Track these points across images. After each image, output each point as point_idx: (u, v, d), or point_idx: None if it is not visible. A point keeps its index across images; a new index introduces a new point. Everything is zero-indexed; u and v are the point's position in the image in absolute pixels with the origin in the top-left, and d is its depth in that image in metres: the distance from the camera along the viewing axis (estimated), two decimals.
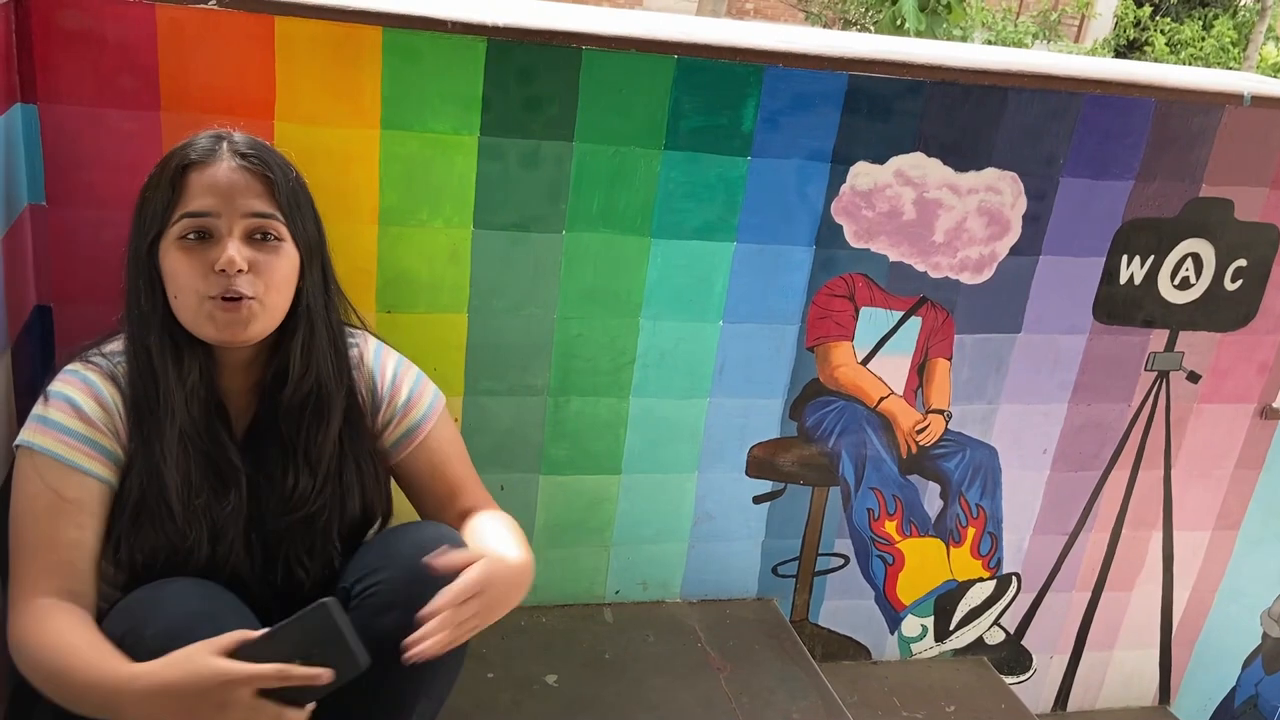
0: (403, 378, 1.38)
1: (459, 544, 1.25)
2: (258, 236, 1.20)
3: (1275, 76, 11.55)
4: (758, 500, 2.01)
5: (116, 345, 1.24)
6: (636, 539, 1.97)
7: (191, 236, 1.17)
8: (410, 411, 1.37)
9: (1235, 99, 1.90)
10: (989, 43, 11.83)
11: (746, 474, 1.99)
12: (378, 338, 1.41)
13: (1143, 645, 2.36)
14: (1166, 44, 12.65)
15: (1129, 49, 13.55)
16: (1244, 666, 2.42)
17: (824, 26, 12.45)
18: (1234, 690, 2.44)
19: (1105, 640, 2.32)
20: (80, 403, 1.18)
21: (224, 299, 1.17)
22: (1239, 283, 2.06)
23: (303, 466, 1.26)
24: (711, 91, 1.69)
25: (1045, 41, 12.71)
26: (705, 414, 1.91)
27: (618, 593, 2.00)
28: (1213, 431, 2.18)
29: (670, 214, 1.76)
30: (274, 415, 1.27)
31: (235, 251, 1.16)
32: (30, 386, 1.46)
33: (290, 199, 1.22)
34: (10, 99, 1.39)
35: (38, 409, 1.19)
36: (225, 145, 1.21)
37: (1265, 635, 2.40)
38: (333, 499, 1.29)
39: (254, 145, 1.23)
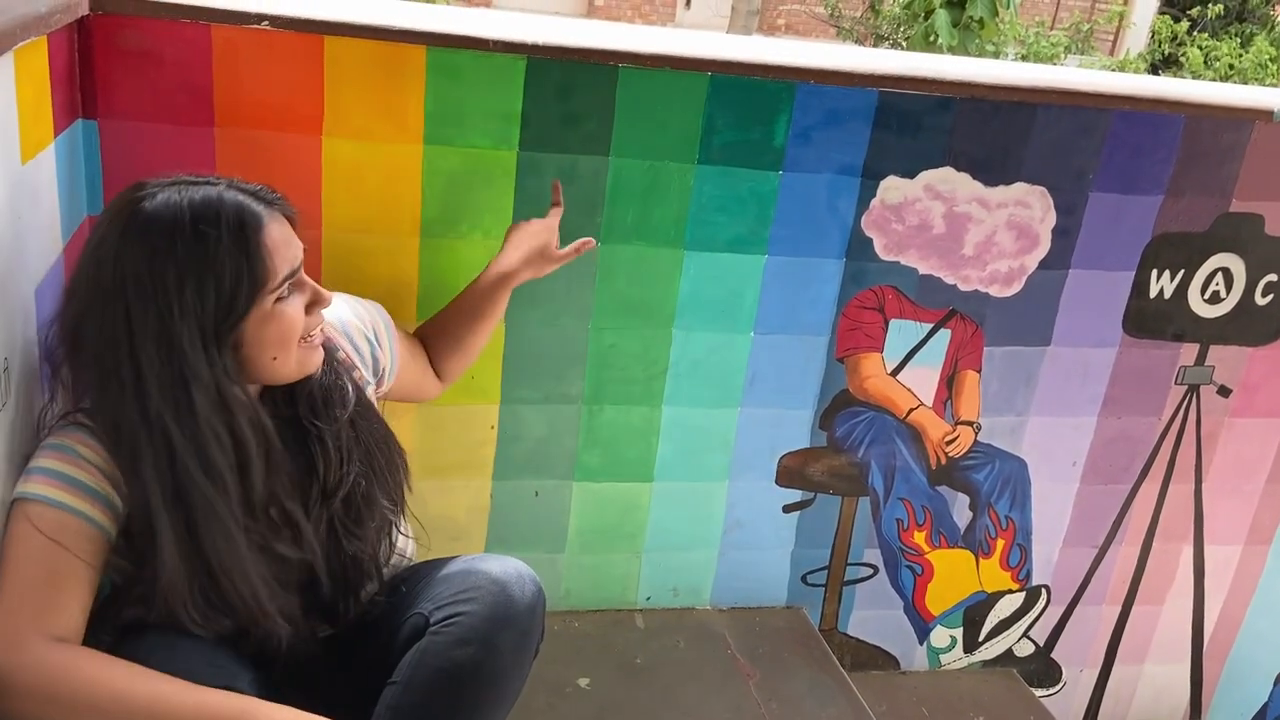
0: (363, 324, 1.45)
1: (535, 579, 1.31)
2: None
3: None
4: (788, 509, 2.04)
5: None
6: (668, 546, 2.00)
7: (286, 293, 1.15)
8: (383, 334, 1.48)
9: (1265, 115, 1.91)
10: (1022, 57, 11.78)
11: (777, 483, 2.01)
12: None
13: (1173, 660, 2.35)
14: (1203, 60, 12.55)
15: (1165, 64, 13.45)
16: (1276, 683, 2.41)
17: (856, 42, 12.45)
18: (1265, 707, 2.43)
19: (1136, 654, 2.32)
20: (77, 450, 1.12)
21: (310, 336, 1.20)
22: (1270, 297, 2.06)
23: (325, 449, 1.25)
24: (744, 107, 1.73)
25: (1079, 55, 12.65)
26: (736, 423, 1.95)
27: (649, 599, 2.03)
28: (1244, 446, 2.17)
29: (703, 227, 1.79)
30: (285, 424, 1.24)
31: (322, 289, 1.20)
32: None
33: None
34: (72, 115, 1.46)
35: (32, 462, 1.13)
36: (254, 200, 1.14)
37: None
38: (363, 465, 1.30)
39: (268, 190, 1.18)
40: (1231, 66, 12.21)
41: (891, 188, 1.85)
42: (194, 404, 1.09)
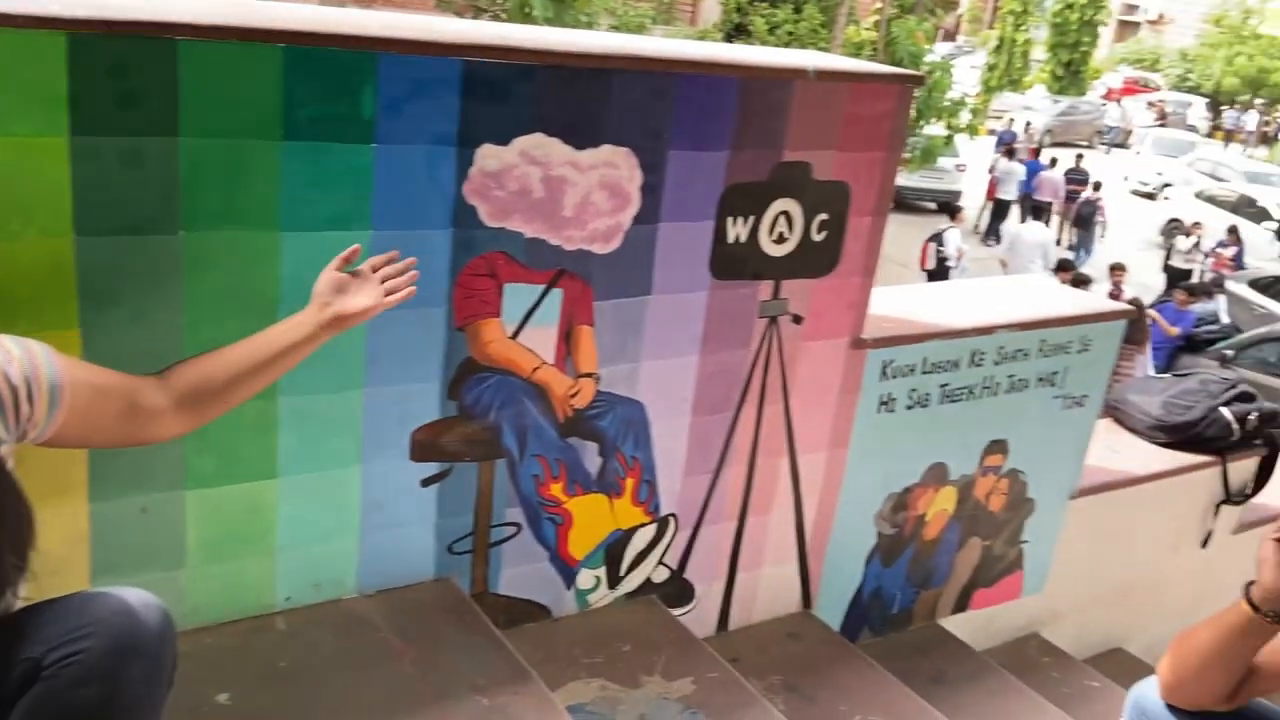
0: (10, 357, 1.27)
1: (159, 604, 1.22)
2: None
3: (858, 55, 13.14)
4: (425, 483, 2.04)
5: None
6: (303, 541, 1.93)
7: None
8: (39, 383, 1.28)
9: (802, 74, 2.18)
10: (614, 28, 12.43)
11: (411, 459, 2.01)
12: None
13: (784, 560, 2.66)
14: (767, 27, 13.99)
15: (736, 32, 14.82)
16: (866, 564, 2.81)
17: (455, 14, 12.45)
18: (861, 586, 2.83)
19: (754, 561, 2.60)
20: None
21: None
22: (824, 234, 2.37)
23: None
24: (326, 79, 1.68)
25: (664, 25, 13.58)
26: (361, 405, 1.91)
27: (288, 599, 1.95)
28: (818, 365, 2.49)
29: (298, 206, 1.73)
30: None
31: None
32: None
33: None
34: None
35: None
36: None
37: (879, 534, 2.80)
38: None
39: None
40: (790, 33, 13.72)
41: (489, 155, 1.89)
42: None
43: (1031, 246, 11.37)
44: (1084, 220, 14.74)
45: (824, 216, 2.34)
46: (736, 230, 2.24)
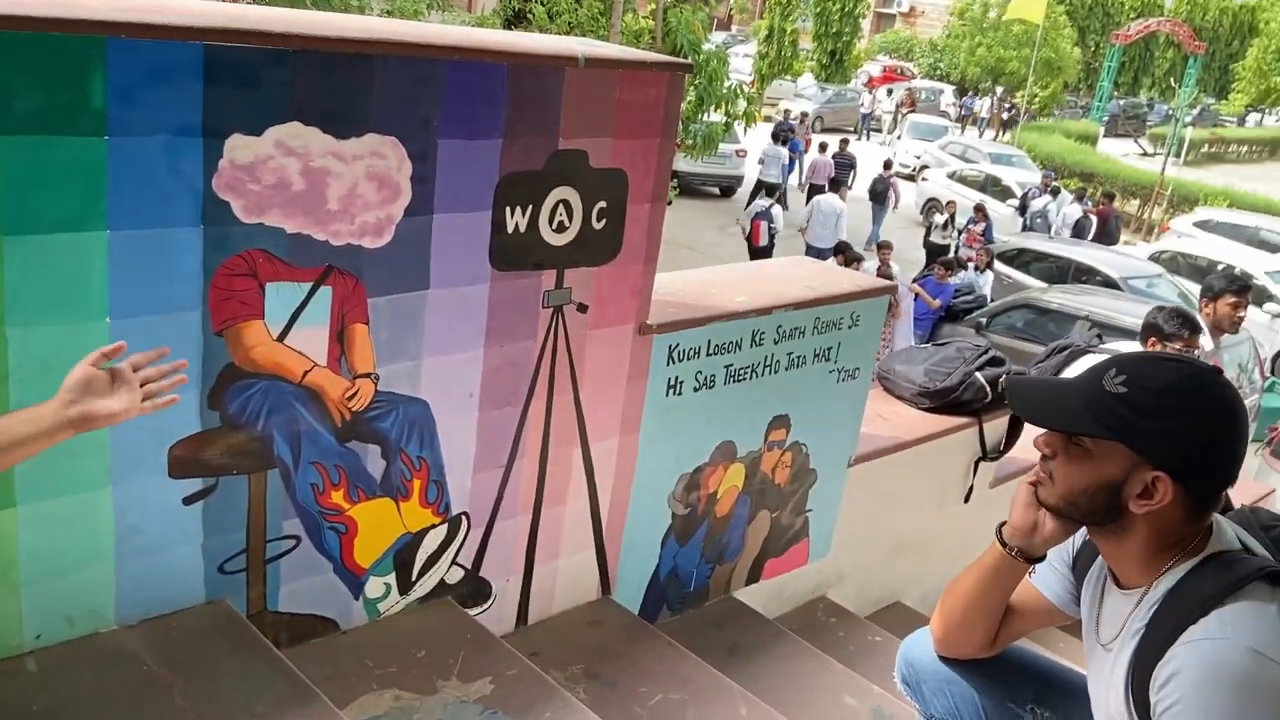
0: None
1: None
2: None
3: (636, 43, 13.32)
4: (188, 501, 1.90)
5: None
6: (51, 573, 1.75)
7: None
8: None
9: (572, 61, 2.17)
10: (388, 14, 12.01)
11: (171, 476, 1.86)
12: None
13: (582, 549, 2.66)
14: (547, 13, 13.93)
15: (516, 20, 14.68)
16: (662, 545, 2.86)
17: None
18: (658, 567, 2.88)
19: (550, 553, 2.58)
20: None
21: None
22: (603, 221, 2.37)
23: None
24: (46, 67, 1.53)
25: (440, 12, 13.26)
26: None
27: (39, 637, 1.77)
28: (606, 353, 2.50)
29: (20, 206, 1.56)
30: None
31: None
32: None
33: None
34: None
35: None
36: None
37: (673, 515, 2.85)
38: None
39: None
40: (570, 21, 13.74)
41: (239, 146, 1.77)
42: None
43: (829, 215, 12.68)
44: (878, 195, 15.81)
45: (603, 204, 2.34)
46: (515, 220, 2.21)
